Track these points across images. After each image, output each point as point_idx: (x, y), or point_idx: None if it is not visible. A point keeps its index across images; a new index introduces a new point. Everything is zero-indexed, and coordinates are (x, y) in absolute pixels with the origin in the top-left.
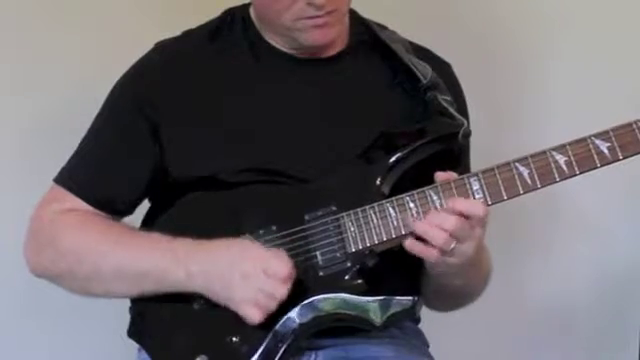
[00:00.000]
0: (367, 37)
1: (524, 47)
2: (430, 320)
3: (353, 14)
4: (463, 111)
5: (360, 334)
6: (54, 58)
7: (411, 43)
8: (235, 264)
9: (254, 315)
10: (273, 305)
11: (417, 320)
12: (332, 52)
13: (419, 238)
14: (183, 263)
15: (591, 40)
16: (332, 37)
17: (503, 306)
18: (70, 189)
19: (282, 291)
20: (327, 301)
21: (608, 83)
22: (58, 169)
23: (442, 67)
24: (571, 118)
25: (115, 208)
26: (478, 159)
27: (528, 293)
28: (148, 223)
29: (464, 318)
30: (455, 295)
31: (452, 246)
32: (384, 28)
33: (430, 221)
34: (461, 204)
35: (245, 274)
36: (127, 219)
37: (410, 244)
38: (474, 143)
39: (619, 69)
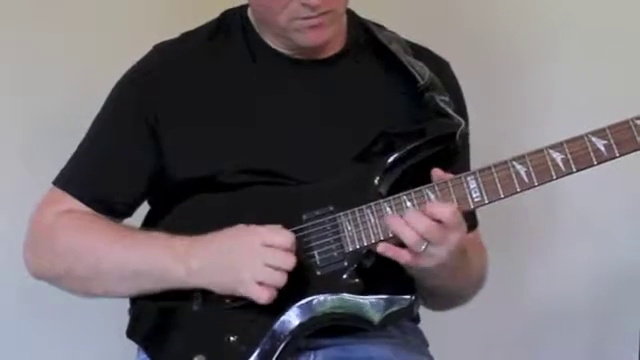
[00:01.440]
0: (365, 38)
1: (524, 47)
2: (430, 320)
3: (351, 15)
4: (461, 110)
5: (359, 334)
6: (54, 58)
7: (409, 42)
8: (236, 246)
9: (262, 294)
10: (281, 279)
11: (416, 319)
12: (330, 53)
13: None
14: (183, 260)
15: (591, 40)
16: (327, 38)
17: (503, 306)
18: (69, 191)
19: (288, 261)
20: (324, 300)
21: (608, 84)
22: (57, 169)
23: (441, 66)
24: (571, 118)
25: (114, 210)
26: (478, 159)
27: (528, 293)
28: (148, 225)
29: (464, 318)
30: (437, 295)
31: (423, 248)
32: (382, 28)
33: (405, 220)
34: (431, 208)
35: (248, 251)
36: (126, 221)
37: (383, 247)
38: (474, 143)
39: (619, 70)
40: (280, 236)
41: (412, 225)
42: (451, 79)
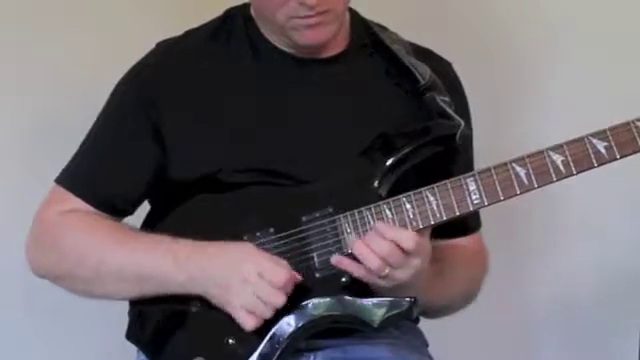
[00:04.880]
0: (368, 38)
1: (525, 47)
2: (430, 320)
3: (354, 15)
4: (464, 110)
5: (359, 335)
6: (54, 58)
7: (412, 44)
8: (234, 269)
9: (248, 322)
10: (268, 313)
11: (416, 320)
12: (333, 52)
13: None
14: (184, 267)
15: (591, 40)
16: (326, 37)
17: (503, 306)
18: (71, 190)
19: (278, 299)
20: (324, 303)
21: (608, 84)
22: (58, 169)
23: (443, 66)
24: (572, 118)
25: (116, 208)
26: (479, 159)
27: (528, 293)
28: (148, 225)
29: (464, 318)
30: None
31: (385, 272)
32: (385, 29)
33: (367, 244)
34: (390, 232)
35: (243, 279)
36: (127, 219)
37: (337, 260)
38: (475, 143)
39: (619, 70)
40: (275, 273)
41: (375, 249)
42: (454, 80)
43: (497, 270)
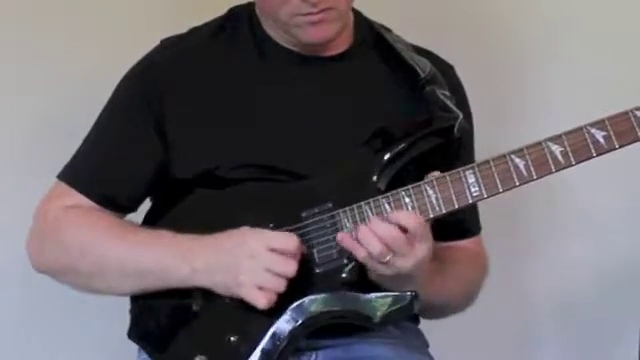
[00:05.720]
0: (371, 37)
1: (525, 47)
2: (430, 320)
3: (358, 15)
4: (466, 113)
5: (360, 334)
6: (54, 58)
7: (414, 46)
8: (239, 247)
9: (260, 299)
10: (281, 285)
11: (417, 320)
12: (337, 51)
13: None
14: (187, 260)
15: (592, 40)
16: (329, 35)
17: (503, 306)
18: (73, 185)
19: (290, 268)
20: (324, 299)
21: (609, 83)
22: (59, 169)
23: (445, 69)
24: (573, 119)
25: (118, 205)
26: (479, 158)
27: (528, 293)
28: (149, 221)
29: (464, 318)
30: None
31: (387, 258)
32: (388, 30)
33: (370, 228)
34: (393, 215)
35: (251, 254)
36: (129, 216)
37: (341, 237)
38: (476, 143)
39: (619, 70)
40: (284, 241)
41: (377, 233)
42: (456, 83)
43: (497, 269)
